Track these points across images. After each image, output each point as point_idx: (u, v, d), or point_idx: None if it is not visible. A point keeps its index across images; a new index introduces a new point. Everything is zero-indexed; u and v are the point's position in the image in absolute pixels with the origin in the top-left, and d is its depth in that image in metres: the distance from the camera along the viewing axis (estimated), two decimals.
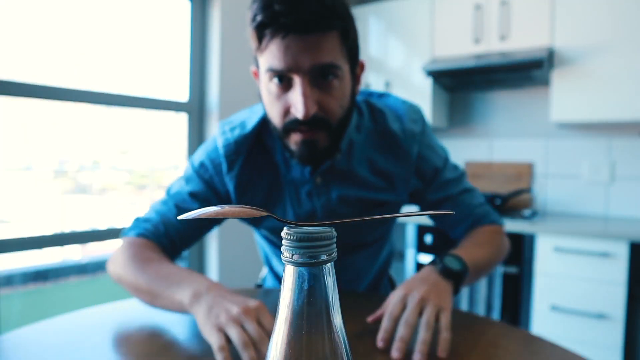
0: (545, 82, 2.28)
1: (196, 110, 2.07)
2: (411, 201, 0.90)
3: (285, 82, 0.68)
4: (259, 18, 0.64)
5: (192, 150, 2.06)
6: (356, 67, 0.76)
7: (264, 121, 0.82)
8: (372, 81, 2.59)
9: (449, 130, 2.70)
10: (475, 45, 2.27)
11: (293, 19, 0.62)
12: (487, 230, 0.86)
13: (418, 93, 2.44)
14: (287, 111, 0.70)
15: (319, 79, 0.68)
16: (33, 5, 1.54)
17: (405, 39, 2.49)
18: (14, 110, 1.57)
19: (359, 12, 2.64)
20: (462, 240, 0.86)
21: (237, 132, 0.81)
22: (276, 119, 0.72)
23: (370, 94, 0.90)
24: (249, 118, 0.84)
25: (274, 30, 0.64)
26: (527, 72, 2.09)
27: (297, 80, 0.67)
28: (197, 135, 2.08)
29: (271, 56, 0.66)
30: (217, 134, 0.84)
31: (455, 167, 0.90)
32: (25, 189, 1.63)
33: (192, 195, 0.83)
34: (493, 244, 0.84)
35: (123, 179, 1.99)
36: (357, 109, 0.84)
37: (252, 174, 0.82)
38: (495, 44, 2.21)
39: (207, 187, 0.84)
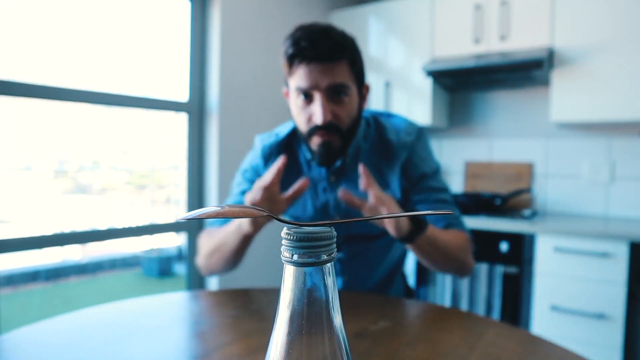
0: (545, 82, 2.28)
1: (196, 110, 2.07)
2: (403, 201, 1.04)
3: (308, 98, 0.90)
4: (290, 51, 0.87)
5: (192, 150, 2.06)
6: (362, 88, 0.98)
7: (293, 132, 1.05)
8: (372, 81, 2.59)
9: (449, 130, 2.70)
10: (475, 45, 2.27)
11: (315, 52, 0.85)
12: (456, 232, 1.00)
13: (418, 93, 2.44)
14: (309, 119, 0.91)
15: (333, 95, 0.89)
16: (33, 5, 1.54)
17: (405, 39, 2.49)
18: (14, 110, 1.57)
19: (359, 12, 2.64)
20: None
21: (272, 139, 1.05)
22: (302, 125, 0.93)
23: (381, 114, 1.10)
24: (282, 130, 1.07)
25: (300, 60, 0.86)
26: (527, 72, 2.09)
27: (317, 96, 0.88)
28: (197, 135, 2.08)
29: (299, 78, 0.88)
30: (256, 143, 1.08)
31: (443, 182, 1.05)
32: (25, 189, 1.63)
33: (243, 192, 1.05)
34: (457, 240, 0.97)
35: (123, 179, 1.99)
36: (367, 122, 1.04)
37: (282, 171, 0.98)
38: (495, 44, 2.21)
39: (251, 185, 1.05)
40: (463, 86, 2.52)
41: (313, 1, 2.64)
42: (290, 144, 1.05)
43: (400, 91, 2.50)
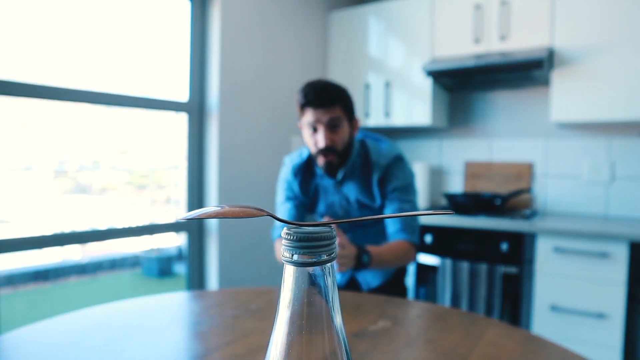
0: (545, 82, 2.28)
1: (196, 110, 2.07)
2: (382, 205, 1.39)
3: (315, 130, 1.28)
4: (302, 101, 1.26)
5: (192, 150, 2.06)
6: (352, 122, 1.33)
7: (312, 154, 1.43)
8: (372, 81, 2.59)
9: (449, 130, 2.70)
10: (475, 45, 2.27)
11: (318, 101, 1.24)
12: (399, 242, 1.32)
13: (418, 93, 2.44)
14: (316, 144, 1.28)
15: (331, 127, 1.26)
16: (33, 5, 1.54)
17: (405, 39, 2.49)
18: (14, 110, 1.57)
19: (359, 12, 2.64)
20: (385, 243, 1.32)
21: (298, 160, 1.45)
22: (312, 148, 1.32)
23: (372, 137, 1.45)
24: (303, 151, 1.47)
25: (308, 106, 1.25)
26: (527, 72, 2.09)
27: (320, 128, 1.26)
28: (197, 135, 2.08)
29: (308, 117, 1.27)
30: (287, 162, 1.49)
31: (410, 196, 1.36)
32: (25, 189, 1.63)
33: (288, 198, 1.46)
34: (398, 251, 1.29)
35: (123, 179, 1.99)
36: (360, 144, 1.40)
37: (306, 180, 1.45)
38: (495, 44, 2.21)
39: (290, 192, 1.46)
40: (463, 86, 2.52)
41: (313, 1, 2.64)
42: (310, 161, 1.45)
43: (400, 91, 2.50)
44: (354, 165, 1.37)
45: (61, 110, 1.68)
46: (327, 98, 1.24)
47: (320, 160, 1.30)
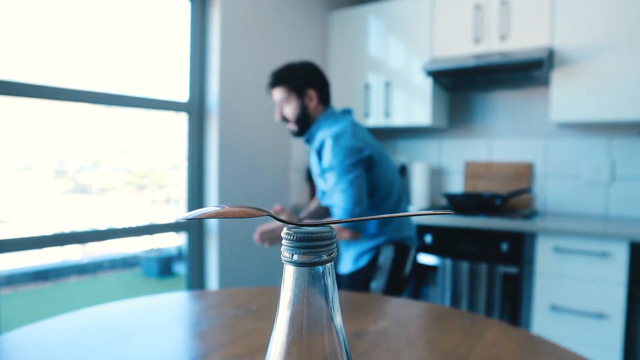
0: (545, 82, 2.28)
1: (196, 110, 2.07)
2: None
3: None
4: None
5: (192, 150, 2.06)
6: (305, 97, 1.49)
7: None
8: (372, 81, 2.59)
9: (449, 130, 2.70)
10: (475, 45, 2.27)
11: (269, 83, 1.50)
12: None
13: (418, 93, 2.44)
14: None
15: (282, 104, 1.50)
16: (33, 5, 1.54)
17: (405, 39, 2.49)
18: (14, 110, 1.57)
19: (359, 12, 2.64)
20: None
21: None
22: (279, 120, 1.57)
23: (341, 118, 1.52)
24: None
25: (269, 87, 1.52)
26: (527, 72, 2.09)
27: (276, 105, 1.52)
28: (197, 135, 2.08)
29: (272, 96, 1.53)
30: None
31: (335, 178, 1.40)
32: (25, 189, 1.63)
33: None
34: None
35: (123, 179, 1.99)
36: (329, 119, 1.52)
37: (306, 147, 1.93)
38: (495, 44, 2.21)
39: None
40: (463, 86, 2.52)
41: (313, 1, 2.64)
42: None
43: (400, 91, 2.50)
44: (312, 134, 1.53)
45: (61, 110, 1.68)
46: (271, 81, 1.48)
47: (288, 128, 1.56)
